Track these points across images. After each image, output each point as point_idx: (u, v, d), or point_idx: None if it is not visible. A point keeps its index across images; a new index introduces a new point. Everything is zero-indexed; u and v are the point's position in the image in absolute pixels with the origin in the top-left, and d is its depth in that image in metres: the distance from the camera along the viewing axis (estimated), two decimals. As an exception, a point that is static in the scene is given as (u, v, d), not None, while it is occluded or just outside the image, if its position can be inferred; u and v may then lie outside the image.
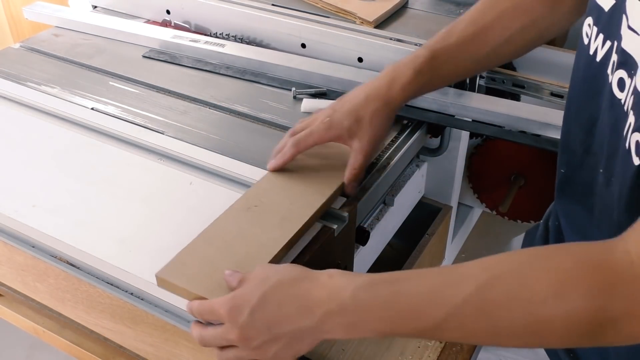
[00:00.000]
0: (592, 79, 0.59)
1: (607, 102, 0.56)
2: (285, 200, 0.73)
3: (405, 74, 0.74)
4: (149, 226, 0.75)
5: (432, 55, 0.74)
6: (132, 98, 1.02)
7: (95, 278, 0.72)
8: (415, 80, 0.73)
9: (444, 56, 0.74)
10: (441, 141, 1.06)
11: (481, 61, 0.76)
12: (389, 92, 0.74)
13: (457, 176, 1.20)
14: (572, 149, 0.65)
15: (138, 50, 1.16)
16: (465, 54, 0.75)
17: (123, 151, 0.89)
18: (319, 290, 0.54)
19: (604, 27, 0.56)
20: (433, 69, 0.74)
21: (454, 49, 0.74)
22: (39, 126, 0.94)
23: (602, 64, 0.57)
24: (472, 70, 0.78)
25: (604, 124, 0.57)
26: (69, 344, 0.84)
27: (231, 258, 0.65)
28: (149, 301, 0.70)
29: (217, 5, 1.19)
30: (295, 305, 0.54)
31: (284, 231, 0.69)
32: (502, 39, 0.74)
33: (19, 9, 1.48)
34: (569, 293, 0.45)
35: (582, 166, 0.64)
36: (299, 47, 1.14)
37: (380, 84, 0.75)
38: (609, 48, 0.55)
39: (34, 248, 0.76)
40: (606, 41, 0.56)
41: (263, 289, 0.55)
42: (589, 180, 0.63)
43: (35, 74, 1.08)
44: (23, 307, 0.89)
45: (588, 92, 0.60)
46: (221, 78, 1.08)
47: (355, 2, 1.18)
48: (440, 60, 0.74)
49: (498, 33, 0.73)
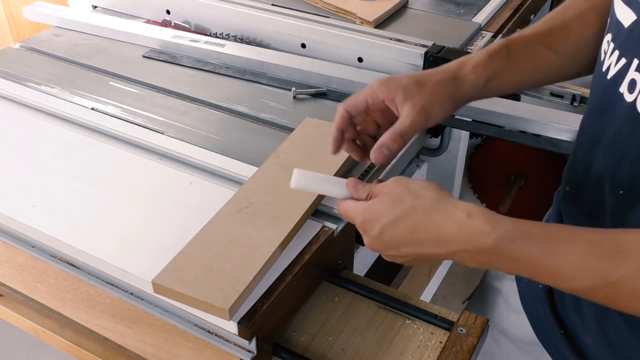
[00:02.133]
0: (601, 96, 0.57)
1: (624, 120, 0.53)
2: (275, 200, 0.73)
3: (477, 56, 0.67)
4: (149, 226, 0.75)
5: (507, 42, 0.69)
6: (132, 98, 1.02)
7: (95, 278, 0.72)
8: (488, 62, 0.66)
9: (520, 44, 0.68)
10: (441, 141, 1.06)
11: (561, 57, 0.68)
12: (460, 69, 0.66)
13: (457, 176, 1.20)
14: (573, 166, 0.63)
15: (138, 50, 1.16)
16: (543, 45, 0.68)
17: (123, 151, 0.89)
18: (455, 227, 0.52)
19: (621, 43, 0.55)
20: (509, 54, 0.67)
21: (531, 39, 0.69)
22: (39, 126, 0.94)
23: (613, 82, 0.55)
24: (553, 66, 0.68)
25: (617, 143, 0.55)
26: (69, 344, 0.84)
27: (227, 260, 0.65)
28: (149, 301, 0.70)
29: (217, 5, 1.19)
30: (427, 234, 0.54)
31: (278, 231, 0.69)
32: (583, 37, 0.68)
33: (19, 9, 1.48)
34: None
35: (580, 186, 0.62)
36: (299, 47, 1.14)
37: (450, 64, 0.68)
38: (625, 65, 0.53)
39: (34, 248, 0.76)
40: (621, 58, 0.54)
41: (395, 212, 0.55)
42: (593, 200, 0.61)
43: (35, 74, 1.08)
44: (23, 307, 0.89)
45: (596, 110, 0.59)
46: (221, 78, 1.08)
47: (355, 2, 1.18)
48: (516, 47, 0.68)
49: (578, 30, 0.68)
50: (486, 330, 0.70)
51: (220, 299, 0.60)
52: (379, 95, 0.65)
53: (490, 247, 0.50)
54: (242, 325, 0.63)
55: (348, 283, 0.77)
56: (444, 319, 0.71)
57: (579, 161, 0.62)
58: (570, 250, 0.48)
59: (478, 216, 0.52)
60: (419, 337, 0.71)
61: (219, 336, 0.66)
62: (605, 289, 0.47)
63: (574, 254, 0.48)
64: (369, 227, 0.57)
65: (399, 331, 0.72)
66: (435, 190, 0.56)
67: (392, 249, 0.57)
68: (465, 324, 0.70)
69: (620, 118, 0.54)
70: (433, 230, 0.54)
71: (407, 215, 0.55)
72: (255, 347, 0.65)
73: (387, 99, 0.64)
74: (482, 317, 0.70)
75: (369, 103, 0.65)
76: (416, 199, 0.55)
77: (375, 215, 0.57)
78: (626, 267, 0.46)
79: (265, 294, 0.66)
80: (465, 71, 0.66)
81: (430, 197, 0.55)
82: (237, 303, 0.61)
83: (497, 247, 0.50)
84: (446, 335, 0.70)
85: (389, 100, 0.64)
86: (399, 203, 0.56)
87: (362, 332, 0.71)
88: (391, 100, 0.64)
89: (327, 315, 0.73)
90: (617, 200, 0.56)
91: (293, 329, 0.72)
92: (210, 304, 0.60)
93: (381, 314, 0.74)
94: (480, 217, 0.52)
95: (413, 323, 0.72)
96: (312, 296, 0.75)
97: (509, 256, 0.50)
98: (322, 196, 0.75)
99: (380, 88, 0.64)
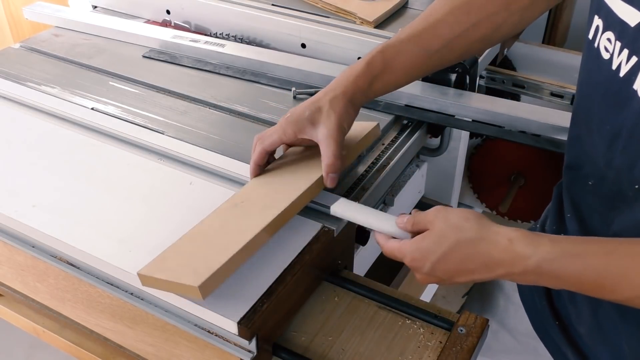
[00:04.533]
0: (615, 94, 0.59)
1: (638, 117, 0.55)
2: (270, 192, 0.74)
3: (357, 67, 0.75)
4: (149, 226, 0.75)
5: (383, 49, 0.76)
6: (132, 98, 1.02)
7: (95, 278, 0.72)
8: (367, 70, 0.75)
9: (395, 49, 0.76)
10: (441, 141, 1.06)
11: (433, 55, 0.76)
12: (344, 83, 0.75)
13: (457, 176, 1.20)
14: (594, 161, 0.65)
15: (138, 50, 1.16)
16: (416, 46, 0.76)
17: (123, 151, 0.89)
18: (500, 253, 0.57)
19: (629, 42, 0.56)
20: (384, 61, 0.75)
21: (405, 42, 0.76)
22: (39, 126, 0.94)
23: (626, 79, 0.56)
24: (426, 64, 0.77)
25: (635, 138, 0.57)
26: (69, 344, 0.84)
27: (210, 247, 0.66)
28: (149, 301, 0.70)
29: (217, 5, 1.19)
30: (476, 263, 0.58)
31: (264, 217, 0.69)
32: (454, 33, 0.75)
33: (19, 9, 1.48)
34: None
35: (603, 179, 0.64)
36: (299, 47, 1.14)
37: (335, 81, 0.76)
38: (636, 64, 0.55)
39: (34, 248, 0.76)
40: (632, 56, 0.55)
41: (443, 249, 0.60)
42: (610, 195, 0.63)
43: (35, 74, 1.08)
44: (23, 307, 0.89)
45: (611, 107, 0.60)
46: (221, 78, 1.08)
47: (355, 2, 1.18)
48: (391, 53, 0.76)
49: (449, 27, 0.75)
50: (486, 330, 0.70)
51: (193, 278, 0.61)
52: (290, 132, 0.74)
53: (534, 268, 0.55)
54: (242, 325, 0.63)
55: (348, 283, 0.77)
56: (444, 319, 0.71)
57: (601, 155, 0.63)
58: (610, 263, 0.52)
59: (519, 240, 0.56)
60: (419, 337, 0.71)
61: (219, 336, 0.66)
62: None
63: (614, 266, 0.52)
64: (420, 266, 0.62)
65: (399, 331, 0.72)
66: (475, 219, 0.60)
67: (445, 281, 0.62)
68: (465, 324, 0.70)
69: (636, 114, 0.56)
70: (481, 259, 0.58)
71: (454, 250, 0.59)
72: (255, 347, 0.65)
73: (298, 134, 0.74)
74: (482, 317, 0.71)
75: (282, 140, 0.75)
76: (460, 232, 0.60)
77: (423, 254, 0.61)
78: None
79: (265, 294, 0.66)
80: (349, 83, 0.74)
81: (472, 227, 0.59)
82: (210, 281, 0.61)
83: (540, 268, 0.55)
84: (446, 335, 0.70)
85: (300, 134, 0.74)
86: (444, 240, 0.60)
87: (362, 332, 0.71)
88: (302, 132, 0.74)
89: (327, 315, 0.73)
90: (634, 194, 0.58)
91: (293, 329, 0.72)
92: (184, 284, 0.61)
93: (381, 314, 0.74)
94: (521, 241, 0.56)
95: (413, 323, 0.72)
96: (312, 296, 0.75)
97: (553, 275, 0.55)
98: (318, 188, 0.75)
99: (289, 126, 0.74)
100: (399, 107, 0.99)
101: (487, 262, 0.58)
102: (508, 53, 1.29)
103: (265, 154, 0.77)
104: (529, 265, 0.55)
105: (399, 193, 0.99)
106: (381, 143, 0.94)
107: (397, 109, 0.98)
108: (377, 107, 0.98)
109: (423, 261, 0.61)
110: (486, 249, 0.58)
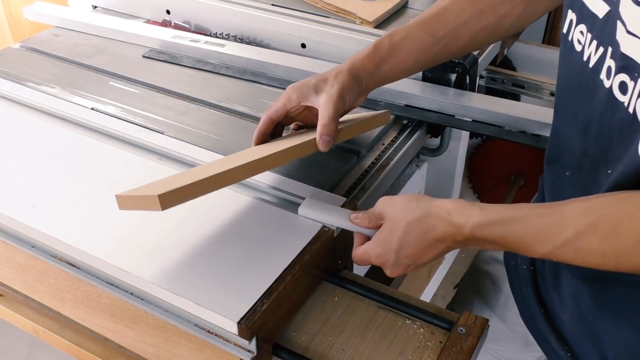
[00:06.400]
0: (585, 85, 0.61)
1: (606, 105, 0.57)
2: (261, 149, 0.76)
3: (364, 50, 0.79)
4: (149, 226, 0.75)
5: (391, 33, 0.79)
6: (132, 98, 1.02)
7: (95, 278, 0.72)
8: (373, 52, 0.78)
9: (402, 33, 0.79)
10: (441, 141, 1.06)
11: (439, 41, 0.79)
12: (351, 62, 0.78)
13: (457, 176, 1.20)
14: (572, 151, 0.67)
15: (138, 50, 1.16)
16: (423, 32, 0.78)
17: (123, 151, 0.89)
18: (444, 225, 0.61)
19: (598, 33, 0.58)
20: (392, 44, 0.78)
21: (413, 28, 0.79)
22: (39, 126, 0.94)
23: (594, 70, 0.59)
24: (432, 51, 0.79)
25: (604, 127, 0.59)
26: (69, 344, 0.84)
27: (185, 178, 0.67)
28: (149, 301, 0.70)
29: (217, 5, 1.19)
30: (429, 239, 0.63)
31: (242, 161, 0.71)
32: (459, 20, 0.78)
33: (19, 9, 1.48)
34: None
35: (580, 168, 0.66)
36: (299, 47, 1.14)
37: (344, 62, 0.79)
38: (602, 54, 0.57)
39: (34, 248, 0.76)
40: (599, 47, 0.58)
41: (399, 235, 0.64)
42: (586, 183, 0.65)
43: (35, 74, 1.08)
44: (23, 307, 0.89)
45: (582, 98, 0.62)
46: (221, 78, 1.08)
47: (355, 2, 1.18)
48: (399, 37, 0.78)
49: (455, 15, 0.78)
50: (486, 330, 0.70)
51: (156, 191, 0.62)
52: (294, 98, 0.76)
53: (469, 235, 0.60)
54: (242, 325, 0.63)
55: (348, 283, 0.77)
56: (444, 318, 0.72)
57: (577, 145, 0.65)
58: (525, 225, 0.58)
59: (454, 211, 0.61)
60: (419, 337, 0.71)
61: (219, 336, 0.66)
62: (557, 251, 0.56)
63: (529, 227, 0.57)
64: (385, 260, 0.66)
65: (399, 331, 0.72)
66: (416, 199, 0.65)
67: (412, 266, 0.66)
68: (465, 324, 0.70)
69: (602, 103, 0.58)
70: (431, 234, 0.63)
71: (408, 233, 0.64)
72: (255, 347, 0.65)
73: (301, 100, 0.76)
74: (482, 317, 0.71)
75: (287, 107, 0.77)
76: (406, 214, 0.64)
77: (384, 247, 0.66)
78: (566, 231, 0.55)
79: (265, 294, 0.66)
80: (356, 62, 0.77)
81: (417, 207, 0.64)
82: (171, 195, 0.62)
83: (473, 235, 0.60)
84: (446, 335, 0.70)
85: (303, 100, 0.76)
86: (396, 227, 0.64)
87: (362, 332, 0.71)
88: (305, 98, 0.76)
89: (327, 315, 0.73)
90: (608, 180, 0.60)
91: (293, 329, 0.72)
92: (149, 196, 0.62)
93: (381, 314, 0.74)
94: (457, 212, 0.61)
95: (413, 323, 0.72)
96: (312, 296, 0.75)
97: (484, 239, 0.60)
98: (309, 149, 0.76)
99: (294, 92, 0.76)
100: (399, 107, 0.99)
101: (437, 236, 0.62)
102: (508, 53, 1.29)
103: (270, 121, 0.78)
104: (465, 233, 0.60)
105: (399, 193, 0.99)
106: (381, 143, 0.94)
107: (397, 109, 0.99)
108: (377, 107, 0.98)
109: (387, 255, 0.66)
110: (433, 224, 0.62)
